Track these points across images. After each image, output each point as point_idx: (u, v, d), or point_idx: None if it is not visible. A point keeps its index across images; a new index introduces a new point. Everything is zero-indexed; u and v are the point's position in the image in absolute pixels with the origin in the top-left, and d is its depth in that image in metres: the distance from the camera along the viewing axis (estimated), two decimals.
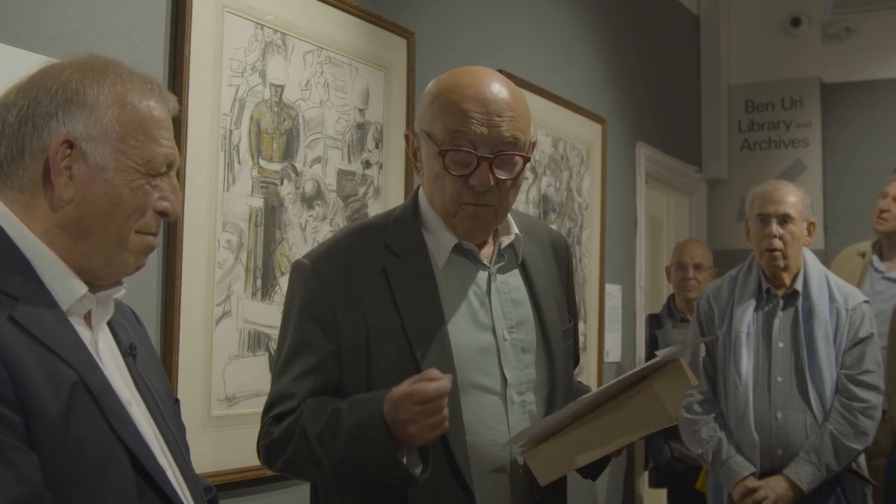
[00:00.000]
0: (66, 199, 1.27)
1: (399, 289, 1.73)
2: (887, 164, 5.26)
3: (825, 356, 3.07)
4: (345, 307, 1.72)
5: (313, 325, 1.72)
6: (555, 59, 4.03)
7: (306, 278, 1.75)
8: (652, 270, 5.57)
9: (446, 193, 1.72)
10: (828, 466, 3.01)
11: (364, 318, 1.71)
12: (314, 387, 1.72)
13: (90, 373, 1.24)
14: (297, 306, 1.75)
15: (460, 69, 1.80)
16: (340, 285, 1.73)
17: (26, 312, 1.20)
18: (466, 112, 1.68)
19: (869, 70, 5.81)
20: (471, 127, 1.67)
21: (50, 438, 1.16)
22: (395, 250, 1.77)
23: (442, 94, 1.72)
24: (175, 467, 1.36)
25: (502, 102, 1.70)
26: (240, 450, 2.38)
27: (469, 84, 1.71)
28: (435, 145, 1.71)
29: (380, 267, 1.74)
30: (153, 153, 1.31)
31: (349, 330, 1.71)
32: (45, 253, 1.27)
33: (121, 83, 1.31)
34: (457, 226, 1.76)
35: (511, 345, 1.78)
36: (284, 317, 1.79)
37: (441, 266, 1.77)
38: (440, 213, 1.76)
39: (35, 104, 1.27)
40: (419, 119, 1.78)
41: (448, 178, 1.70)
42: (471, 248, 1.78)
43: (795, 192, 3.21)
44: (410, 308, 1.72)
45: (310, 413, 1.68)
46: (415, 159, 1.81)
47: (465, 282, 1.78)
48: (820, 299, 3.11)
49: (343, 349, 1.72)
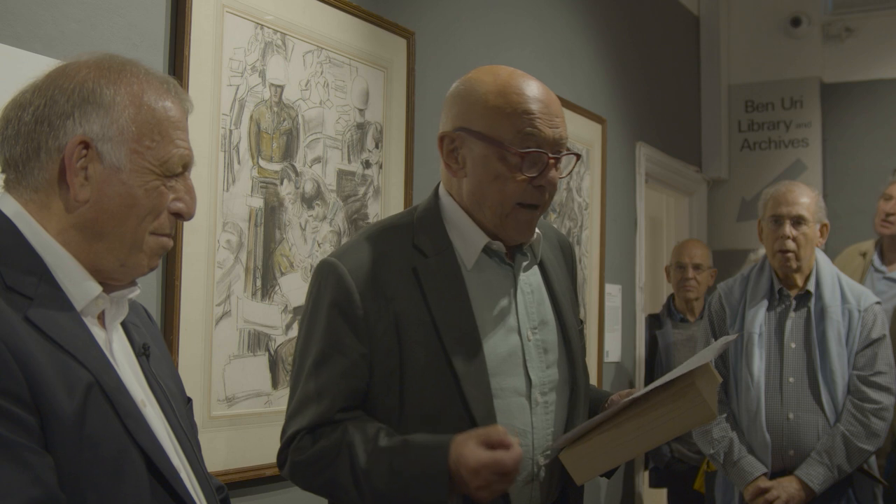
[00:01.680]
0: (82, 199, 1.27)
1: (430, 290, 1.71)
2: (887, 164, 5.27)
3: (837, 357, 3.07)
4: (376, 308, 1.69)
5: (344, 326, 1.68)
6: (555, 59, 4.03)
7: (336, 278, 1.71)
8: (652, 270, 5.57)
9: (506, 194, 1.71)
10: (839, 468, 3.01)
11: (395, 319, 1.69)
12: (347, 392, 1.68)
13: (104, 373, 1.24)
14: (325, 306, 1.71)
15: (499, 69, 1.79)
16: (371, 286, 1.70)
17: (41, 313, 1.20)
18: (534, 114, 1.70)
19: (869, 70, 5.81)
20: (539, 128, 1.70)
21: (64, 439, 1.16)
22: (424, 250, 1.75)
23: (501, 96, 1.72)
24: (188, 467, 1.36)
25: (557, 104, 1.75)
26: (240, 450, 2.38)
27: (524, 85, 1.73)
28: (502, 147, 1.70)
29: (410, 267, 1.73)
30: (169, 154, 1.31)
31: (380, 331, 1.69)
32: (60, 253, 1.27)
33: (137, 83, 1.31)
34: (508, 226, 1.75)
35: (534, 345, 1.79)
36: (309, 317, 1.74)
37: (469, 266, 1.77)
38: (490, 214, 1.75)
39: (51, 103, 1.27)
40: (462, 120, 1.75)
41: (514, 178, 1.70)
42: (498, 249, 1.78)
43: (809, 193, 3.21)
44: (442, 310, 1.71)
45: (356, 440, 1.64)
46: (450, 160, 1.77)
47: (493, 282, 1.78)
48: (832, 300, 3.12)
49: (374, 351, 1.69)
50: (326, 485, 1.68)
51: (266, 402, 2.47)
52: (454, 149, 1.76)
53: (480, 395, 1.69)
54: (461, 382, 1.68)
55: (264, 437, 2.45)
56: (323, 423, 1.68)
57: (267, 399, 2.47)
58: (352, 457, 1.63)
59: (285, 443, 1.72)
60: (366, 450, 1.63)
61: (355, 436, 1.65)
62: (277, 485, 2.50)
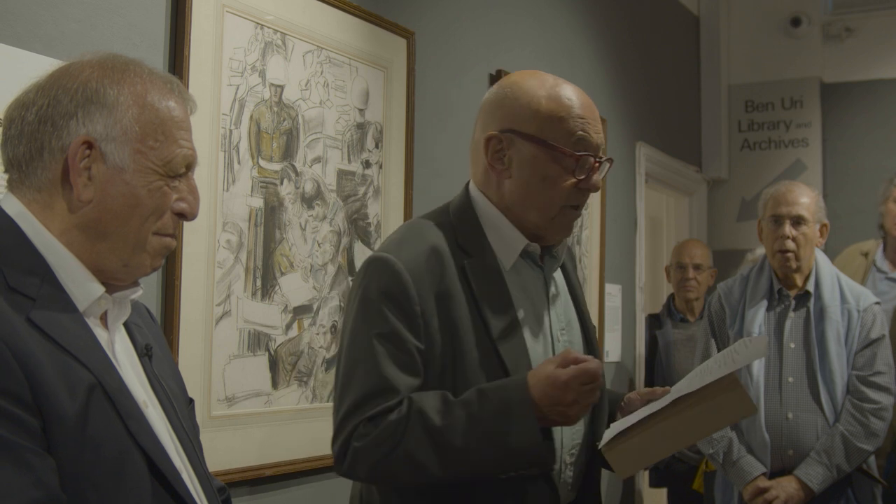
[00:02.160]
0: (85, 199, 1.27)
1: (478, 289, 1.74)
2: (887, 164, 5.26)
3: (836, 357, 3.07)
4: (431, 305, 1.70)
5: (401, 320, 1.68)
6: (555, 59, 4.03)
7: (392, 273, 1.70)
8: (652, 270, 5.57)
9: (555, 195, 1.76)
10: (838, 467, 3.01)
11: (450, 316, 1.70)
12: (405, 386, 1.67)
13: (106, 374, 1.24)
14: (381, 301, 1.69)
15: (542, 75, 1.84)
16: (426, 282, 1.70)
17: (43, 314, 1.20)
18: (585, 119, 1.77)
19: (869, 70, 5.81)
20: (589, 133, 1.77)
21: (66, 441, 1.16)
22: (467, 249, 1.77)
23: (553, 100, 1.77)
24: (189, 468, 1.36)
25: (597, 111, 1.82)
26: (240, 449, 2.38)
27: (572, 92, 1.79)
28: (554, 148, 1.75)
29: (459, 265, 1.75)
30: (172, 154, 1.31)
31: (434, 328, 1.70)
32: (63, 253, 1.27)
33: (141, 83, 1.31)
34: (552, 227, 1.79)
35: (563, 346, 1.83)
36: (361, 312, 1.71)
37: (507, 267, 1.79)
38: (536, 214, 1.78)
39: (55, 103, 1.27)
40: (512, 122, 1.78)
41: (563, 180, 1.76)
42: (535, 251, 1.82)
43: (809, 193, 3.22)
44: (490, 309, 1.73)
45: (424, 406, 1.63)
46: (495, 161, 1.79)
47: (528, 283, 1.82)
48: (832, 300, 3.12)
49: (429, 347, 1.69)
50: (397, 460, 1.64)
51: (266, 401, 2.47)
52: (500, 150, 1.79)
53: None
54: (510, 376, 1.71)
55: (264, 437, 2.45)
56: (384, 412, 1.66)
57: (267, 399, 2.47)
58: (424, 420, 1.62)
59: (346, 435, 1.67)
60: (438, 410, 1.63)
61: (423, 402, 1.64)
62: (277, 485, 2.50)
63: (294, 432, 2.55)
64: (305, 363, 2.59)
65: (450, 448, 1.62)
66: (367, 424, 1.65)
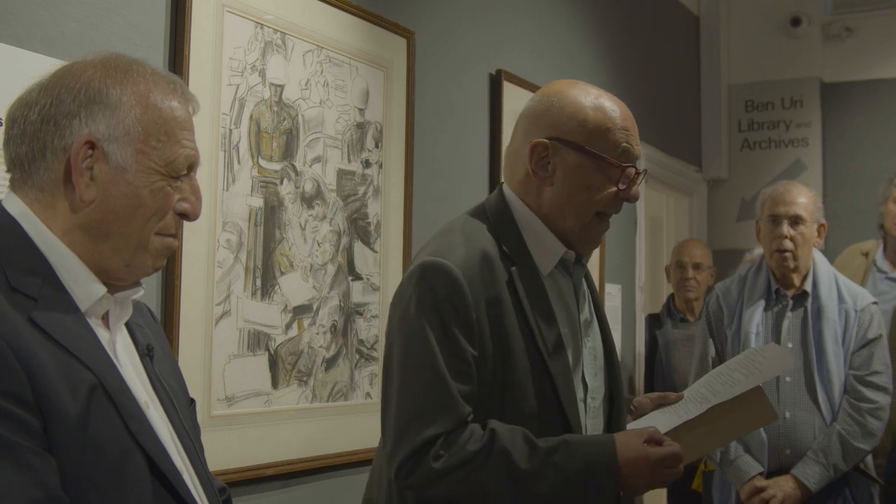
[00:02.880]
0: (87, 200, 1.26)
1: (525, 296, 1.75)
2: (887, 164, 5.26)
3: (834, 357, 3.08)
4: (484, 311, 1.69)
5: (459, 327, 1.67)
6: (555, 59, 4.03)
7: (448, 278, 1.68)
8: (652, 270, 5.57)
9: (595, 203, 1.79)
10: (835, 467, 3.02)
11: (501, 323, 1.71)
12: (467, 394, 1.67)
13: (108, 375, 1.24)
14: (438, 307, 1.67)
15: (587, 86, 1.86)
16: (480, 288, 1.70)
17: (45, 314, 1.20)
18: (628, 131, 1.81)
19: (869, 70, 5.81)
20: (632, 146, 1.81)
21: (68, 441, 1.16)
22: (511, 256, 1.78)
23: (600, 111, 1.80)
24: (190, 468, 1.36)
25: (635, 123, 1.86)
26: (239, 449, 2.38)
27: (618, 105, 1.83)
28: (600, 158, 1.77)
29: (507, 272, 1.75)
30: (175, 154, 1.31)
31: (486, 336, 1.70)
32: (65, 253, 1.27)
33: (144, 83, 1.31)
34: (586, 235, 1.82)
35: (589, 352, 1.86)
36: (417, 318, 1.68)
37: (545, 273, 1.81)
38: (573, 221, 1.80)
39: (57, 103, 1.27)
40: (558, 130, 1.79)
41: (607, 189, 1.79)
42: (570, 258, 1.84)
43: (807, 193, 3.23)
44: (536, 317, 1.75)
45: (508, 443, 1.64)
46: (538, 167, 1.80)
47: (562, 290, 1.84)
48: (829, 300, 3.13)
49: (482, 354, 1.69)
50: (471, 492, 1.64)
51: (266, 401, 2.47)
52: (545, 157, 1.80)
53: (571, 399, 1.76)
54: (558, 387, 1.73)
55: (264, 437, 2.45)
56: (459, 428, 1.65)
57: (267, 399, 2.47)
58: (507, 460, 1.63)
59: (416, 447, 1.64)
60: (524, 452, 1.64)
61: (507, 438, 1.65)
62: (277, 484, 2.50)
63: (294, 432, 2.55)
64: (305, 363, 2.59)
65: (529, 493, 1.65)
66: (445, 443, 1.63)
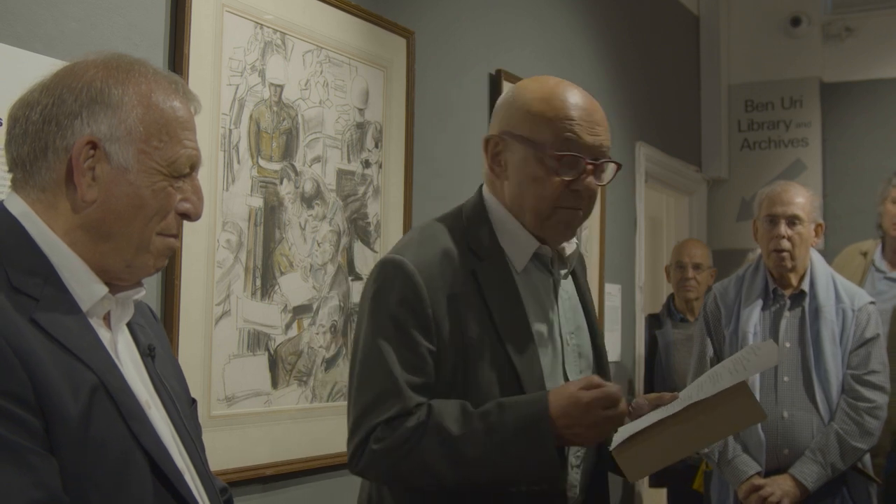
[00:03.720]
0: (89, 200, 1.26)
1: (489, 292, 1.75)
2: (887, 164, 5.25)
3: (831, 356, 3.08)
4: (443, 308, 1.71)
5: (413, 323, 1.70)
6: (555, 59, 4.03)
7: (404, 276, 1.71)
8: (651, 270, 5.57)
9: (545, 196, 1.76)
10: (833, 466, 3.02)
11: (461, 319, 1.72)
12: (419, 387, 1.69)
13: (109, 375, 1.23)
14: (393, 304, 1.71)
15: (546, 78, 1.85)
16: (437, 284, 1.72)
17: (46, 315, 1.20)
18: (575, 120, 1.76)
19: (869, 70, 5.81)
20: (579, 133, 1.75)
21: (69, 441, 1.16)
22: (478, 252, 1.78)
23: (545, 101, 1.77)
24: (192, 469, 1.36)
25: (600, 114, 1.80)
26: (239, 449, 2.38)
27: (568, 94, 1.79)
28: (541, 150, 1.75)
29: (469, 269, 1.76)
30: (177, 154, 1.31)
31: (446, 330, 1.71)
32: (66, 253, 1.26)
33: (145, 83, 1.31)
34: (548, 228, 1.79)
35: (572, 349, 1.85)
36: (374, 314, 1.73)
37: (519, 270, 1.80)
38: (530, 216, 1.78)
39: (59, 103, 1.27)
40: (507, 125, 1.80)
41: (552, 181, 1.75)
42: (545, 254, 1.83)
43: (804, 193, 3.23)
44: (501, 312, 1.74)
45: (443, 414, 1.65)
46: (494, 163, 1.82)
47: (538, 286, 1.83)
48: (826, 300, 3.13)
49: (441, 349, 1.71)
50: (413, 466, 1.66)
51: (266, 401, 2.47)
52: (498, 152, 1.81)
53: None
54: (523, 383, 1.72)
55: (264, 437, 2.45)
56: (401, 415, 1.67)
57: (267, 398, 2.47)
58: (441, 429, 1.64)
59: (363, 437, 1.69)
60: (457, 419, 1.65)
61: (443, 410, 1.66)
62: (277, 484, 2.50)
63: (294, 432, 2.55)
64: (305, 363, 2.59)
65: (465, 458, 1.64)
66: (385, 427, 1.67)
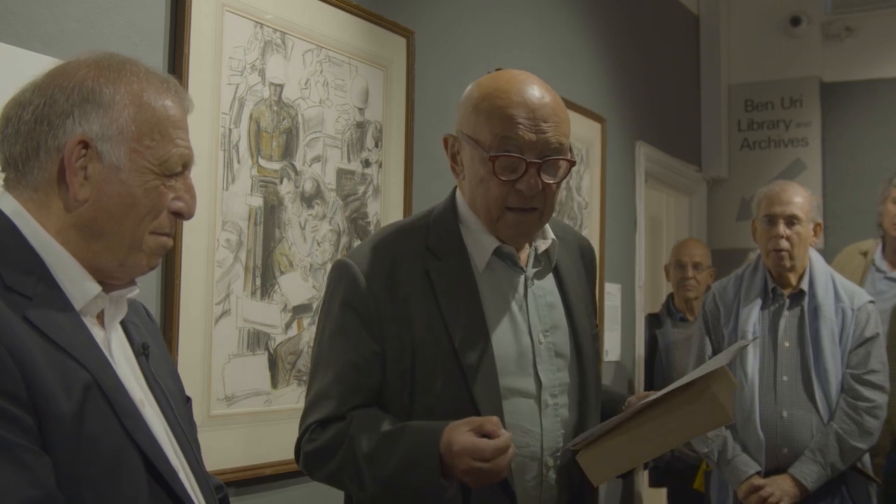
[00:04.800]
0: (81, 199, 1.26)
1: (442, 292, 1.74)
2: (887, 164, 5.25)
3: (831, 356, 3.08)
4: (389, 309, 1.72)
5: (357, 324, 1.72)
6: (555, 59, 4.03)
7: (350, 278, 1.74)
8: (651, 270, 5.57)
9: (491, 197, 1.73)
10: (833, 466, 3.02)
11: (409, 320, 1.72)
12: (359, 389, 1.71)
13: (103, 373, 1.24)
14: (338, 305, 1.74)
15: (502, 74, 1.80)
16: (385, 286, 1.73)
17: (40, 312, 1.20)
18: (514, 118, 1.69)
19: (869, 70, 5.81)
20: (518, 133, 1.69)
21: (63, 439, 1.16)
22: (437, 252, 1.77)
23: (486, 100, 1.73)
24: (187, 467, 1.36)
25: (548, 108, 1.72)
26: (239, 449, 2.38)
27: (514, 90, 1.72)
28: (482, 150, 1.71)
29: (423, 269, 1.75)
30: (169, 153, 1.31)
31: (394, 331, 1.71)
32: (59, 252, 1.27)
33: (137, 82, 1.31)
34: (500, 230, 1.77)
35: (546, 348, 1.81)
36: (324, 316, 1.78)
37: (481, 269, 1.78)
38: (483, 216, 1.77)
39: (51, 103, 1.27)
40: (460, 123, 1.79)
41: (494, 182, 1.71)
42: (510, 252, 1.80)
43: (802, 192, 3.23)
44: (454, 312, 1.73)
45: (360, 428, 1.67)
46: (454, 162, 1.81)
47: (504, 285, 1.80)
48: (826, 299, 3.13)
49: (387, 350, 1.72)
50: (332, 473, 1.72)
51: (265, 401, 2.47)
52: (456, 152, 1.80)
53: (489, 395, 1.71)
54: (470, 382, 1.70)
55: (264, 437, 2.45)
56: (334, 418, 1.71)
57: (266, 398, 2.47)
58: (356, 444, 1.66)
59: (300, 435, 1.76)
60: (369, 437, 1.66)
61: (360, 424, 1.68)
62: (277, 484, 2.50)
63: (293, 431, 2.54)
64: (305, 362, 2.59)
65: (371, 476, 1.66)
66: (316, 429, 1.72)
